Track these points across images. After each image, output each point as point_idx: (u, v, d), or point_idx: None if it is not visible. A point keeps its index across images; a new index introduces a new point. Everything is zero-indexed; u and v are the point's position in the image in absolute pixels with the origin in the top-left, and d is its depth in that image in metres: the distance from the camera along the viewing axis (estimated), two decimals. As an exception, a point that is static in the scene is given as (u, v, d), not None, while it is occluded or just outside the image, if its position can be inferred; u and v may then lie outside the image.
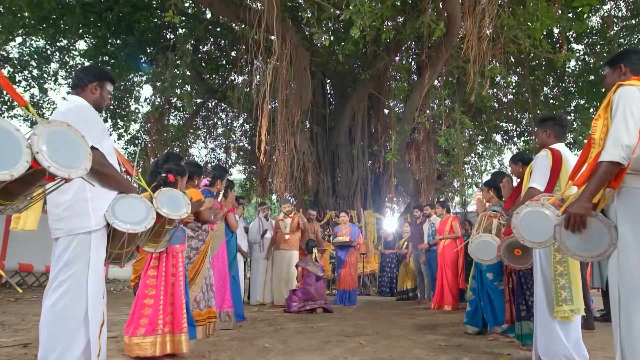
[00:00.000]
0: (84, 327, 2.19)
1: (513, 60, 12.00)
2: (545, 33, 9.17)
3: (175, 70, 10.76)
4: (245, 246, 7.04)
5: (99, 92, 2.49)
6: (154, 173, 3.27)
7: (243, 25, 9.69)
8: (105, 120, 13.78)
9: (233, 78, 12.87)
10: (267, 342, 3.73)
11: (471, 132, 12.99)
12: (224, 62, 13.76)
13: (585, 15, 10.36)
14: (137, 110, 13.16)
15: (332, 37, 11.52)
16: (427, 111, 10.68)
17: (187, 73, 11.76)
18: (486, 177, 16.42)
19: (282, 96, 9.28)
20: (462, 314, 6.00)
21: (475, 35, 6.52)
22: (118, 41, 12.07)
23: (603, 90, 11.11)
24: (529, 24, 7.14)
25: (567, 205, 2.06)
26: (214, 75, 13.79)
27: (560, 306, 2.67)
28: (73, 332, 2.16)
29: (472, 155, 15.08)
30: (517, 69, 12.95)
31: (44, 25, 11.36)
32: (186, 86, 12.50)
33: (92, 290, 2.22)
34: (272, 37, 8.30)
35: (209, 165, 14.54)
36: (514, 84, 14.10)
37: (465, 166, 13.69)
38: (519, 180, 3.78)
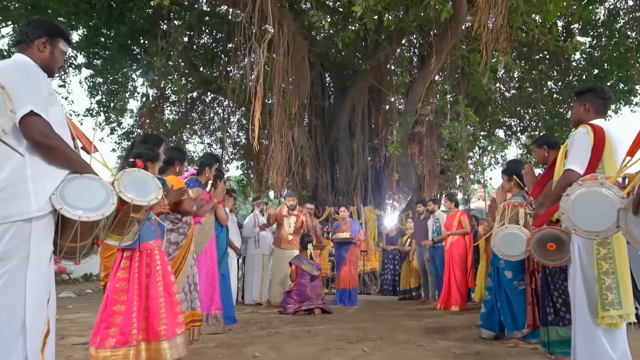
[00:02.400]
0: (22, 338, 1.73)
1: (516, 54, 11.56)
2: (549, 25, 8.79)
3: (169, 62, 10.33)
4: (238, 242, 6.59)
5: (48, 51, 2.03)
6: (128, 157, 2.84)
7: (238, 12, 9.26)
8: (98, 114, 13.32)
9: (229, 69, 12.42)
10: (258, 350, 3.28)
11: (474, 127, 12.59)
12: (219, 53, 13.30)
13: (591, 7, 9.95)
14: (127, 101, 12.65)
15: (331, 30, 11.12)
16: (431, 102, 10.25)
17: (180, 62, 11.30)
18: (489, 173, 16.07)
19: (278, 85, 8.84)
20: (471, 315, 5.59)
21: (486, 12, 6.08)
22: (111, 32, 11.62)
23: (609, 84, 10.73)
24: (543, 6, 6.69)
25: (636, 184, 1.61)
26: (210, 69, 13.33)
27: (607, 311, 2.22)
28: (7, 345, 1.71)
29: (475, 150, 14.69)
30: (521, 63, 12.53)
31: (34, 16, 10.88)
32: (179, 76, 12.01)
33: (32, 292, 1.77)
34: (270, 29, 7.91)
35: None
36: (517, 78, 13.72)
37: (468, 161, 13.27)
38: (544, 166, 3.36)
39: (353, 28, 9.90)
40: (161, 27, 10.58)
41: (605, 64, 11.89)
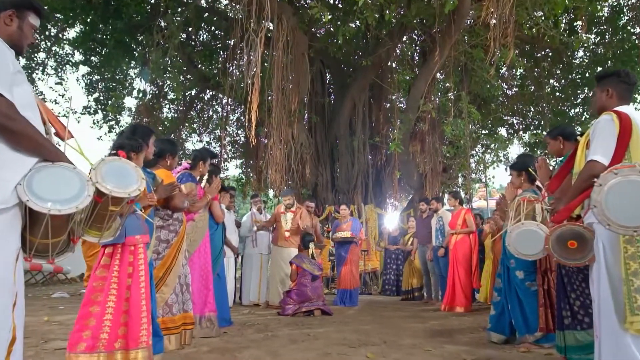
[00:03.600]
0: (-18, 346, 1.54)
1: (519, 51, 11.36)
2: (554, 20, 8.57)
3: (168, 60, 10.12)
4: (235, 241, 6.38)
5: (16, 25, 1.83)
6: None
7: (237, 7, 9.07)
8: (96, 112, 13.11)
9: (228, 65, 12.25)
10: (254, 355, 3.08)
11: (476, 125, 12.40)
12: (218, 50, 13.10)
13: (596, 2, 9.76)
14: (123, 97, 12.46)
15: (331, 28, 10.90)
16: (433, 98, 10.05)
17: (178, 58, 11.10)
18: (491, 172, 15.89)
19: (277, 82, 8.63)
20: (476, 317, 5.39)
21: (494, 3, 5.88)
22: (107, 28, 11.42)
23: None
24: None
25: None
26: (208, 66, 13.13)
27: (636, 315, 2.00)
28: (-36, 355, 1.51)
29: (477, 149, 14.52)
30: (524, 61, 12.35)
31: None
32: (177, 73, 11.80)
33: (-6, 295, 1.57)
34: (270, 26, 7.70)
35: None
36: (519, 76, 13.54)
37: (470, 160, 13.08)
38: (559, 158, 3.15)
39: (354, 26, 9.71)
40: (158, 22, 10.39)
41: (609, 61, 11.68)
